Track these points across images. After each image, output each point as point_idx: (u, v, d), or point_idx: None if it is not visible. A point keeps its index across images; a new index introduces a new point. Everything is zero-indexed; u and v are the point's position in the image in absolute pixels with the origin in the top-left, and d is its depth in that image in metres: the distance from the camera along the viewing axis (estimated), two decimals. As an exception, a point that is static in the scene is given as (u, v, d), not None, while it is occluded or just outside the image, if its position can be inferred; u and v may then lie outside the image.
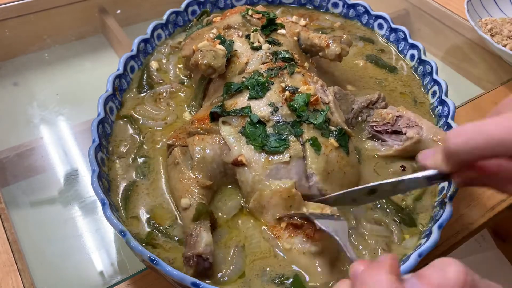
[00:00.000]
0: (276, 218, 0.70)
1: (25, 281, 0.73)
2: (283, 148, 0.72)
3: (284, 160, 0.71)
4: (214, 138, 0.76)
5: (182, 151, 0.76)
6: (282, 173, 0.71)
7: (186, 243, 0.67)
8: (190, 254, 0.65)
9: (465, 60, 1.30)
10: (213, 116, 0.78)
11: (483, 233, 1.43)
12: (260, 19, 0.96)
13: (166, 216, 0.74)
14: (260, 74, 0.81)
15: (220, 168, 0.75)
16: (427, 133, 0.80)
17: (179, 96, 0.94)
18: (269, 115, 0.75)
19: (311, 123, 0.75)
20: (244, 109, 0.76)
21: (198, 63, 0.83)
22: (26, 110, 1.12)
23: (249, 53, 0.87)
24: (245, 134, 0.74)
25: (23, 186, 0.95)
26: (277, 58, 0.86)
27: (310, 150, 0.72)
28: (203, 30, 0.96)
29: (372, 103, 0.87)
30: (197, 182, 0.72)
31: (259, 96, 0.78)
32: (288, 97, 0.77)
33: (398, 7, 1.44)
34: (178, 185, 0.73)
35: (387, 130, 0.84)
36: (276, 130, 0.74)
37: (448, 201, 0.71)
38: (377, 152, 0.83)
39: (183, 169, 0.74)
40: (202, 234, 0.66)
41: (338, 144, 0.74)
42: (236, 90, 0.80)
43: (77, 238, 0.85)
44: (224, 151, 0.74)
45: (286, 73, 0.82)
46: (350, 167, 0.75)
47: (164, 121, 0.89)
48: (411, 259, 0.63)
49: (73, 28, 1.31)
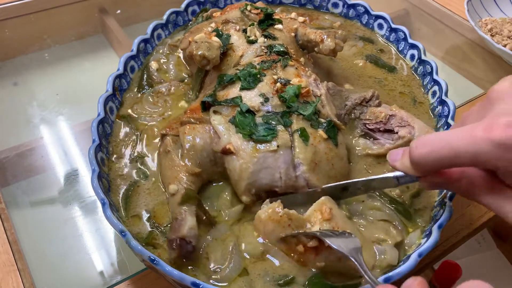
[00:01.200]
0: (281, 238, 0.69)
1: (25, 281, 0.73)
2: (271, 137, 0.72)
3: (271, 149, 0.71)
4: (204, 127, 0.76)
5: (173, 139, 0.77)
6: (269, 162, 0.71)
7: (171, 227, 0.68)
8: (174, 237, 0.66)
9: (465, 60, 1.30)
10: (204, 105, 0.79)
11: (483, 233, 1.43)
12: (258, 14, 0.97)
13: (167, 214, 0.74)
14: (253, 66, 0.82)
15: (210, 157, 0.75)
16: (419, 133, 0.80)
17: (178, 91, 0.95)
18: (259, 105, 0.76)
19: (301, 114, 0.75)
20: (235, 99, 0.77)
21: (193, 54, 0.84)
22: (26, 110, 1.12)
23: (245, 46, 0.88)
24: (235, 123, 0.74)
25: (23, 186, 0.95)
26: (271, 51, 0.86)
27: (298, 140, 0.73)
28: (202, 24, 0.97)
29: (366, 100, 0.87)
30: (186, 169, 0.73)
31: (250, 87, 0.78)
32: (280, 88, 0.78)
33: (398, 7, 1.44)
34: (168, 172, 0.74)
35: (380, 129, 0.84)
36: (265, 120, 0.74)
37: (448, 201, 0.71)
38: (368, 150, 0.84)
39: (173, 157, 0.75)
40: (187, 217, 0.67)
41: (326, 135, 0.75)
42: (229, 81, 0.81)
43: (77, 238, 0.85)
44: (214, 140, 0.75)
45: (280, 66, 0.82)
46: (338, 159, 0.76)
47: (162, 116, 0.90)
48: (411, 259, 0.63)
49: (73, 28, 1.31)
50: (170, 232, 0.68)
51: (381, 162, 0.82)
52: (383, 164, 0.82)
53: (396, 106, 0.86)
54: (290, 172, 0.72)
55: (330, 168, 0.74)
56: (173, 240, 0.66)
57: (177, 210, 0.69)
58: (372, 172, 0.81)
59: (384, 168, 0.81)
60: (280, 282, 0.66)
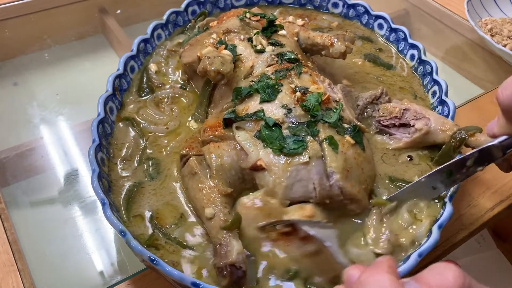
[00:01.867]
0: (259, 228, 0.69)
1: (25, 281, 0.73)
2: (301, 149, 0.71)
3: (304, 161, 0.70)
4: (230, 145, 0.75)
5: (198, 160, 0.75)
6: (302, 174, 0.70)
7: (216, 253, 0.66)
8: (223, 264, 0.64)
9: (465, 60, 1.30)
10: (226, 122, 0.77)
11: (483, 233, 1.43)
12: (259, 21, 0.96)
13: (170, 215, 0.74)
14: (268, 76, 0.81)
15: (238, 174, 0.74)
16: (436, 124, 0.80)
17: (182, 101, 0.93)
18: (283, 117, 0.75)
19: (326, 122, 0.75)
20: (257, 113, 0.76)
21: (207, 70, 0.81)
22: (26, 110, 1.12)
23: (253, 56, 0.87)
24: (261, 138, 0.73)
25: (23, 186, 0.95)
26: (282, 59, 0.86)
27: (328, 149, 0.72)
28: (202, 36, 0.96)
29: (376, 98, 0.88)
30: (217, 190, 0.72)
31: (270, 98, 0.77)
32: (300, 97, 0.77)
33: (398, 7, 1.44)
34: (199, 195, 0.72)
35: (395, 124, 0.85)
36: (292, 132, 0.73)
37: (448, 201, 0.71)
38: (387, 146, 0.84)
39: (202, 179, 0.73)
40: (233, 243, 0.65)
41: (354, 141, 0.74)
42: (246, 94, 0.79)
43: (77, 238, 0.85)
44: (241, 156, 0.74)
45: (294, 74, 0.82)
46: (367, 163, 0.76)
47: (166, 126, 0.88)
48: (411, 259, 0.63)
49: (73, 28, 1.31)
50: (216, 259, 0.65)
51: (397, 156, 0.83)
52: (398, 158, 0.83)
53: (407, 100, 0.87)
54: (324, 182, 0.71)
55: (361, 173, 0.74)
56: (223, 267, 0.64)
57: (219, 235, 0.67)
58: (388, 163, 0.81)
59: (399, 159, 0.82)
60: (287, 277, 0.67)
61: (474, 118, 1.03)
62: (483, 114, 1.04)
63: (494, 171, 0.77)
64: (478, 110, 1.05)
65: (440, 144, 0.80)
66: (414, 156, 0.82)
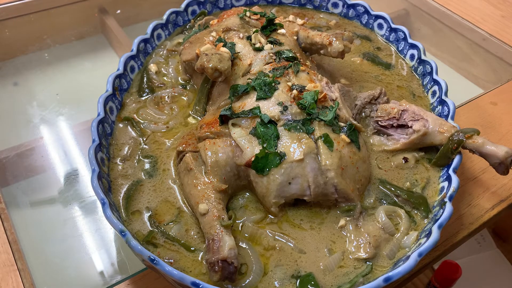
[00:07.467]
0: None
1: (25, 281, 0.73)
2: (296, 146, 0.72)
3: (298, 158, 0.71)
4: (225, 141, 0.75)
5: (193, 156, 0.76)
6: (297, 171, 0.71)
7: (209, 248, 0.66)
8: (215, 260, 0.64)
9: (465, 60, 1.30)
10: (222, 119, 0.78)
11: (483, 233, 1.44)
12: (259, 20, 0.96)
13: (168, 212, 0.74)
14: (265, 74, 0.81)
15: (233, 171, 0.74)
16: (434, 125, 0.81)
17: (182, 100, 0.94)
18: (279, 114, 0.75)
19: (322, 120, 0.75)
20: (253, 110, 0.76)
21: (204, 66, 0.81)
22: (26, 110, 1.12)
23: (252, 54, 0.87)
24: (257, 135, 0.74)
25: (23, 186, 0.95)
26: (280, 58, 0.86)
27: (323, 146, 0.72)
28: (202, 34, 0.96)
29: (375, 98, 0.88)
30: (212, 186, 0.72)
31: (267, 96, 0.78)
32: (296, 95, 0.77)
33: (398, 7, 1.44)
34: (194, 191, 0.72)
35: (393, 125, 0.85)
36: (288, 129, 0.74)
37: (448, 201, 0.71)
38: (384, 147, 0.84)
39: (197, 175, 0.73)
40: (225, 238, 0.65)
41: (349, 139, 0.75)
42: (243, 91, 0.80)
43: (77, 238, 0.85)
44: (236, 153, 0.74)
45: (292, 72, 0.82)
46: (362, 162, 0.76)
47: (166, 125, 0.88)
48: (411, 259, 0.63)
49: (73, 28, 1.32)
50: (208, 254, 0.66)
51: (391, 157, 0.83)
52: (393, 159, 0.83)
53: (405, 101, 0.87)
54: (318, 180, 0.71)
55: (356, 172, 0.74)
56: (214, 263, 0.64)
57: (212, 230, 0.67)
58: (382, 168, 0.81)
59: (395, 163, 0.82)
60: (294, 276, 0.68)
61: (474, 118, 1.03)
62: (483, 114, 1.04)
63: (494, 172, 0.77)
64: (478, 110, 1.05)
65: (438, 145, 0.80)
66: (410, 158, 0.82)
